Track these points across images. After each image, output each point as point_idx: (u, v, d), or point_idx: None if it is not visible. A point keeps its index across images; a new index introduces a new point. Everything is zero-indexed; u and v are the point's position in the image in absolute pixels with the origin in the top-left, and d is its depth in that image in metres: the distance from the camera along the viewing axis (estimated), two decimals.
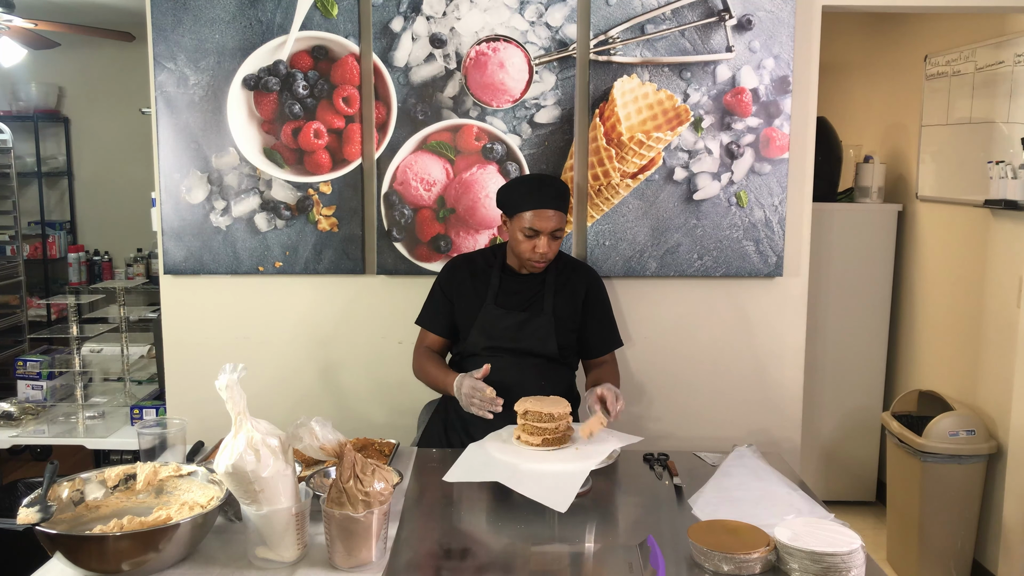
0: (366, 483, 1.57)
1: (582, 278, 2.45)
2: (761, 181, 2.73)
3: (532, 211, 2.25)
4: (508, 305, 2.37)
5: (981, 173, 3.21)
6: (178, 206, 2.77)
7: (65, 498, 1.67)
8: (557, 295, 2.39)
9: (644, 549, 1.64)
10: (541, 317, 2.36)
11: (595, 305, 2.45)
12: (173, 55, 2.71)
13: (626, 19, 2.67)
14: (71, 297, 3.28)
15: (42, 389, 3.18)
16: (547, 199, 2.26)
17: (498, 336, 2.35)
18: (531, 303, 2.38)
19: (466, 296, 2.41)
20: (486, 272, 2.42)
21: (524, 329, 2.35)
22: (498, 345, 2.33)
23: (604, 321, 2.47)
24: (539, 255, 2.29)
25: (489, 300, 2.37)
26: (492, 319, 2.36)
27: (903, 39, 3.94)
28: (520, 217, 2.27)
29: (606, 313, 2.48)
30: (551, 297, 2.38)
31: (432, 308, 2.48)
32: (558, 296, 2.39)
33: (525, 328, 2.35)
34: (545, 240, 2.26)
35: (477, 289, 2.40)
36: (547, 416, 1.96)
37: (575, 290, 2.42)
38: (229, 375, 1.56)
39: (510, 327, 2.35)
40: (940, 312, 3.57)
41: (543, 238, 2.26)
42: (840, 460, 3.94)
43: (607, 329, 2.48)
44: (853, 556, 1.50)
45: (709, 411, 2.87)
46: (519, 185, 2.36)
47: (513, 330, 2.35)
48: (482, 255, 2.48)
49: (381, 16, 2.68)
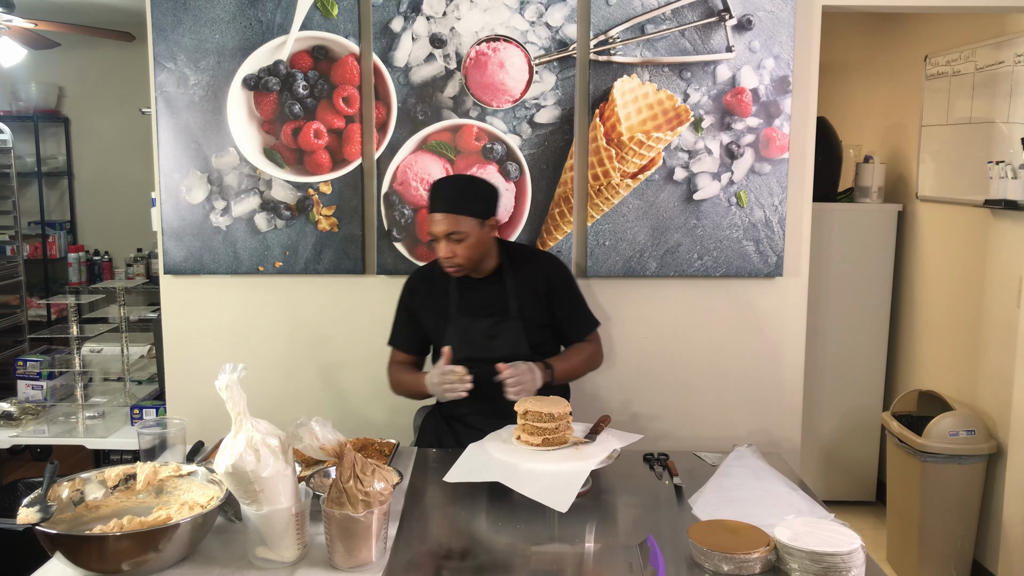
0: (366, 483, 1.57)
1: (539, 270, 2.40)
2: (761, 181, 2.73)
3: (431, 214, 2.26)
4: (472, 313, 2.35)
5: (981, 173, 3.21)
6: (178, 206, 2.77)
7: (65, 498, 1.67)
8: (520, 295, 2.36)
9: (644, 549, 1.64)
10: (508, 321, 2.34)
11: (560, 293, 2.40)
12: (173, 55, 2.71)
13: (626, 19, 2.67)
14: (71, 297, 3.28)
15: (42, 389, 3.18)
16: (438, 202, 2.25)
17: (470, 344, 2.32)
18: (495, 308, 2.36)
19: (429, 310, 2.40)
20: (444, 283, 2.39)
21: (495, 336, 2.33)
22: (472, 355, 2.28)
23: (574, 307, 2.43)
24: (443, 259, 2.27)
25: (453, 311, 2.36)
26: (461, 328, 2.34)
27: (903, 39, 3.94)
28: (428, 218, 2.27)
29: (573, 298, 2.44)
30: (514, 299, 2.35)
31: (399, 327, 2.47)
32: (521, 296, 2.36)
33: (495, 334, 2.33)
34: (443, 244, 2.24)
35: (439, 301, 2.39)
36: (547, 416, 1.96)
37: (535, 286, 2.37)
38: (229, 375, 1.56)
39: (480, 334, 2.33)
40: (940, 312, 3.57)
41: (441, 242, 2.25)
42: (840, 460, 3.94)
43: (579, 314, 2.44)
44: (853, 556, 1.50)
45: (709, 411, 2.87)
46: (437, 185, 2.33)
47: (484, 337, 2.33)
48: (438, 266, 2.38)
49: (381, 16, 2.68)
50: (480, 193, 2.32)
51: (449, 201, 2.25)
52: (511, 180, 2.74)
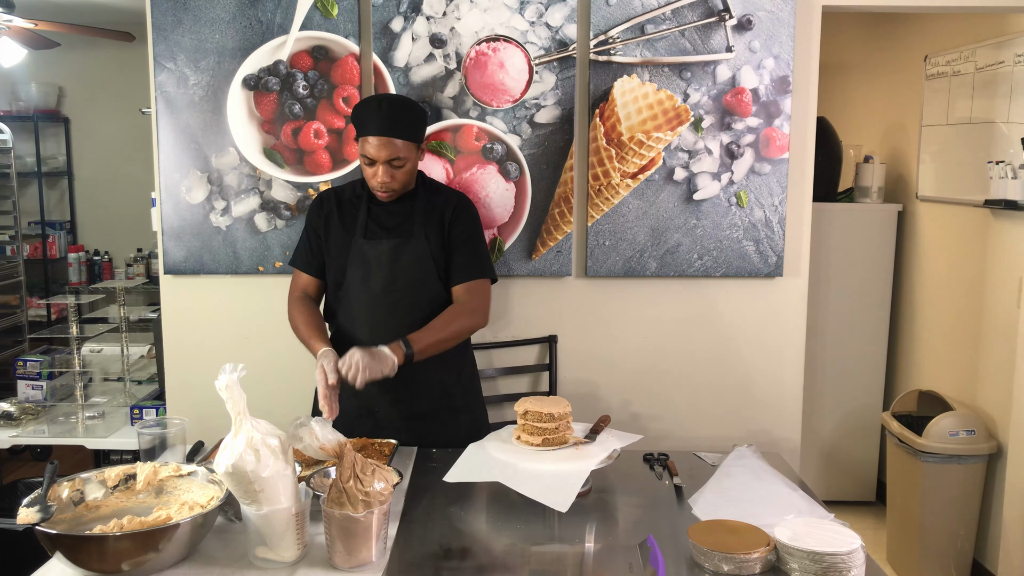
0: (366, 483, 1.57)
1: (449, 201, 2.31)
2: (761, 181, 2.73)
3: (369, 136, 2.13)
4: (376, 236, 2.25)
5: (981, 173, 3.21)
6: (178, 206, 2.77)
7: (65, 498, 1.67)
8: (427, 221, 2.26)
9: (644, 549, 1.64)
10: (413, 241, 2.25)
11: (460, 229, 2.28)
12: (173, 55, 2.71)
13: (626, 19, 2.67)
14: (71, 297, 3.28)
15: (42, 389, 3.18)
16: (382, 125, 2.12)
17: (372, 268, 2.23)
18: (401, 230, 2.26)
19: (335, 231, 2.29)
20: (354, 205, 2.30)
21: (398, 257, 2.23)
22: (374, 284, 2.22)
23: (468, 246, 2.28)
24: (378, 183, 2.17)
25: (359, 234, 2.25)
26: (367, 250, 2.24)
27: (903, 39, 3.94)
28: (361, 142, 2.16)
29: (471, 238, 2.30)
30: (421, 222, 2.25)
31: (303, 248, 2.35)
32: (428, 222, 2.26)
33: (399, 255, 2.23)
34: (382, 169, 2.15)
35: (346, 223, 2.28)
36: (547, 416, 1.96)
37: (442, 215, 2.28)
38: (229, 375, 1.56)
39: (383, 255, 2.23)
40: (940, 312, 3.57)
41: (380, 166, 2.15)
42: (840, 460, 3.94)
43: (471, 256, 2.28)
44: (853, 556, 1.50)
45: (709, 411, 2.87)
46: (362, 107, 2.20)
47: (386, 258, 2.23)
48: (351, 187, 2.33)
49: (381, 16, 2.68)
50: (419, 117, 2.23)
51: (393, 124, 2.14)
52: (511, 180, 2.74)
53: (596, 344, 2.85)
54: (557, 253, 2.77)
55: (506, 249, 2.77)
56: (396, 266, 2.24)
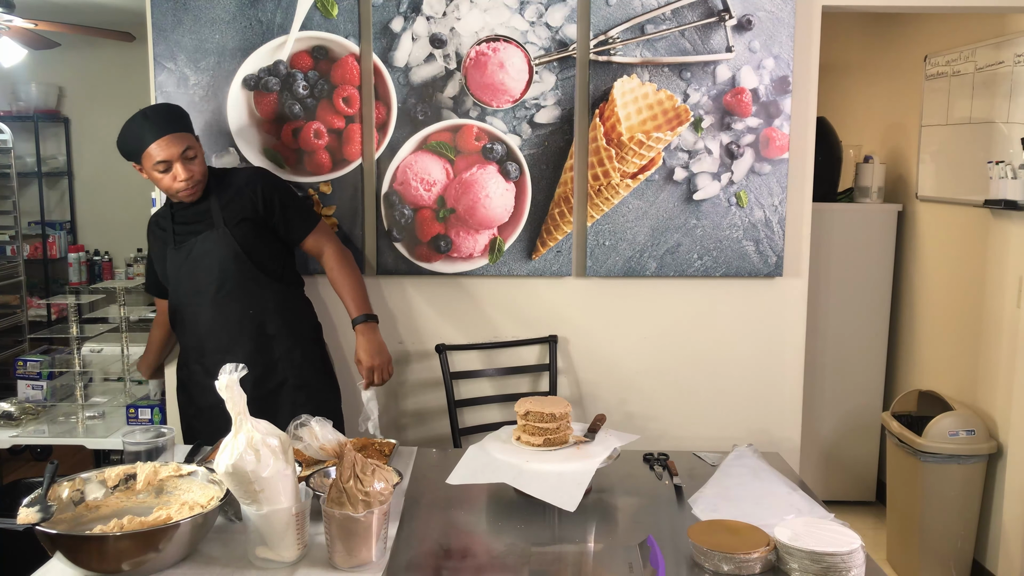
0: (366, 483, 1.57)
1: (240, 180, 2.41)
2: (761, 181, 2.73)
3: (152, 144, 2.22)
4: (186, 239, 2.36)
5: (981, 173, 3.21)
6: None
7: (65, 498, 1.67)
8: (227, 208, 2.35)
9: (644, 549, 1.64)
10: (213, 231, 2.33)
11: (268, 196, 2.39)
12: (173, 55, 2.71)
13: (626, 19, 2.67)
14: (71, 297, 3.28)
15: (42, 389, 3.18)
16: (157, 128, 2.23)
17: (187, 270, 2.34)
18: (203, 226, 2.35)
19: (159, 253, 2.43)
20: (165, 221, 2.40)
21: (204, 252, 2.33)
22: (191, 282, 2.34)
23: (289, 207, 2.44)
24: (182, 183, 2.25)
25: (170, 245, 2.37)
26: (176, 260, 2.37)
27: (903, 39, 3.94)
28: (146, 155, 2.24)
29: (284, 197, 2.44)
30: (218, 211, 2.34)
31: (148, 274, 2.55)
32: (228, 209, 2.35)
33: (204, 251, 2.33)
34: (179, 165, 2.24)
35: (162, 240, 2.41)
36: (548, 416, 1.96)
37: (240, 194, 2.37)
38: (229, 375, 1.56)
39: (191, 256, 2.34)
40: (940, 312, 3.57)
41: (176, 164, 2.24)
42: (840, 460, 3.94)
43: (296, 212, 2.45)
44: (853, 556, 1.50)
45: (709, 411, 2.87)
46: (129, 126, 2.28)
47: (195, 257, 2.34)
48: (162, 209, 2.45)
49: (381, 16, 2.68)
50: (182, 112, 2.34)
51: (171, 122, 2.25)
52: (511, 180, 2.74)
53: (596, 344, 2.85)
54: (557, 253, 2.77)
55: (506, 249, 2.77)
56: (206, 261, 2.33)
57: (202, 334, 2.39)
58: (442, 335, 2.83)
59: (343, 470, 1.59)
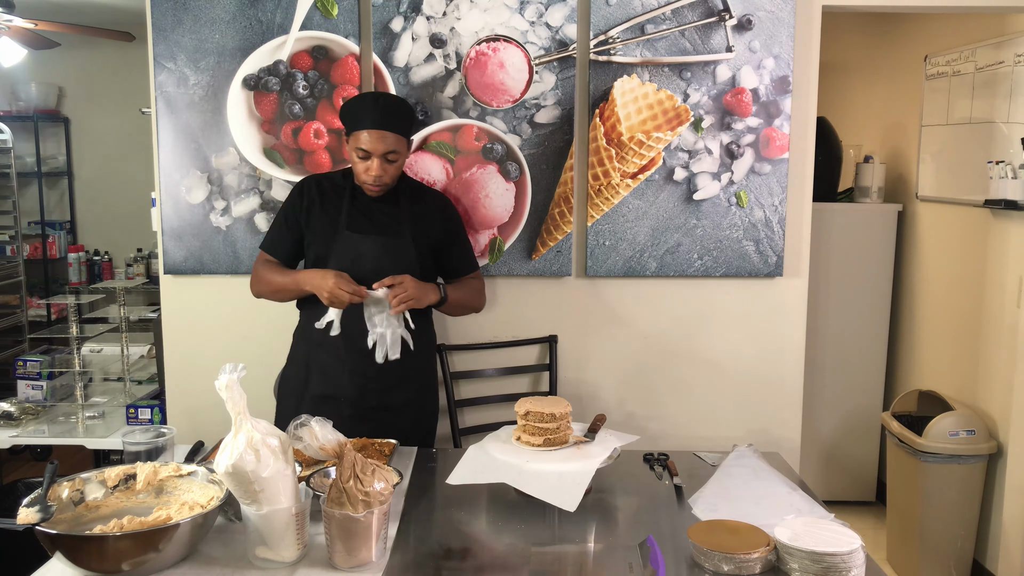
0: (366, 483, 1.57)
1: (435, 203, 2.40)
2: (761, 181, 2.73)
3: (365, 130, 2.18)
4: (362, 230, 2.29)
5: (981, 173, 3.21)
6: (178, 206, 2.77)
7: (65, 498, 1.67)
8: (416, 222, 2.33)
9: (644, 549, 1.64)
10: (399, 239, 2.29)
11: (453, 229, 2.42)
12: (173, 55, 2.71)
13: (626, 19, 2.67)
14: (71, 297, 3.28)
15: (42, 389, 3.18)
16: (379, 119, 2.18)
17: (357, 262, 2.26)
18: (387, 228, 2.30)
19: (316, 221, 2.31)
20: (337, 195, 2.32)
21: (384, 254, 2.28)
22: (357, 276, 2.23)
23: (464, 245, 2.46)
24: (371, 177, 2.21)
25: (342, 226, 2.29)
26: (350, 245, 2.27)
27: (903, 39, 3.94)
28: (355, 136, 2.20)
29: (462, 237, 2.46)
30: (408, 222, 2.31)
31: (276, 233, 2.39)
32: (417, 223, 2.33)
33: (385, 252, 2.28)
34: (377, 162, 2.19)
35: (328, 213, 2.31)
36: (548, 416, 1.96)
37: (432, 216, 2.36)
38: (229, 375, 1.56)
39: (369, 251, 2.27)
40: (940, 312, 3.57)
41: (375, 160, 2.19)
42: (840, 460, 3.94)
43: (467, 252, 2.47)
44: (853, 556, 1.50)
45: (709, 411, 2.87)
46: (358, 102, 2.25)
47: (373, 255, 2.27)
48: (332, 178, 2.36)
49: (381, 16, 2.68)
50: (411, 114, 2.32)
51: (390, 119, 2.20)
52: (511, 180, 2.74)
53: (596, 344, 2.85)
54: (557, 253, 2.77)
55: (506, 249, 2.77)
56: (382, 263, 2.26)
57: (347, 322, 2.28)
58: (442, 335, 2.83)
59: (343, 470, 1.59)
